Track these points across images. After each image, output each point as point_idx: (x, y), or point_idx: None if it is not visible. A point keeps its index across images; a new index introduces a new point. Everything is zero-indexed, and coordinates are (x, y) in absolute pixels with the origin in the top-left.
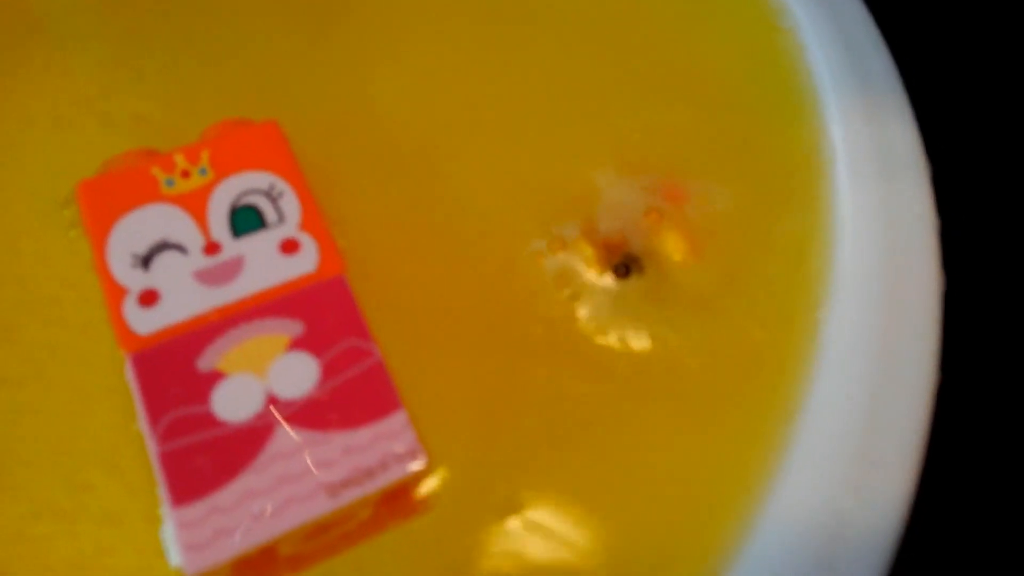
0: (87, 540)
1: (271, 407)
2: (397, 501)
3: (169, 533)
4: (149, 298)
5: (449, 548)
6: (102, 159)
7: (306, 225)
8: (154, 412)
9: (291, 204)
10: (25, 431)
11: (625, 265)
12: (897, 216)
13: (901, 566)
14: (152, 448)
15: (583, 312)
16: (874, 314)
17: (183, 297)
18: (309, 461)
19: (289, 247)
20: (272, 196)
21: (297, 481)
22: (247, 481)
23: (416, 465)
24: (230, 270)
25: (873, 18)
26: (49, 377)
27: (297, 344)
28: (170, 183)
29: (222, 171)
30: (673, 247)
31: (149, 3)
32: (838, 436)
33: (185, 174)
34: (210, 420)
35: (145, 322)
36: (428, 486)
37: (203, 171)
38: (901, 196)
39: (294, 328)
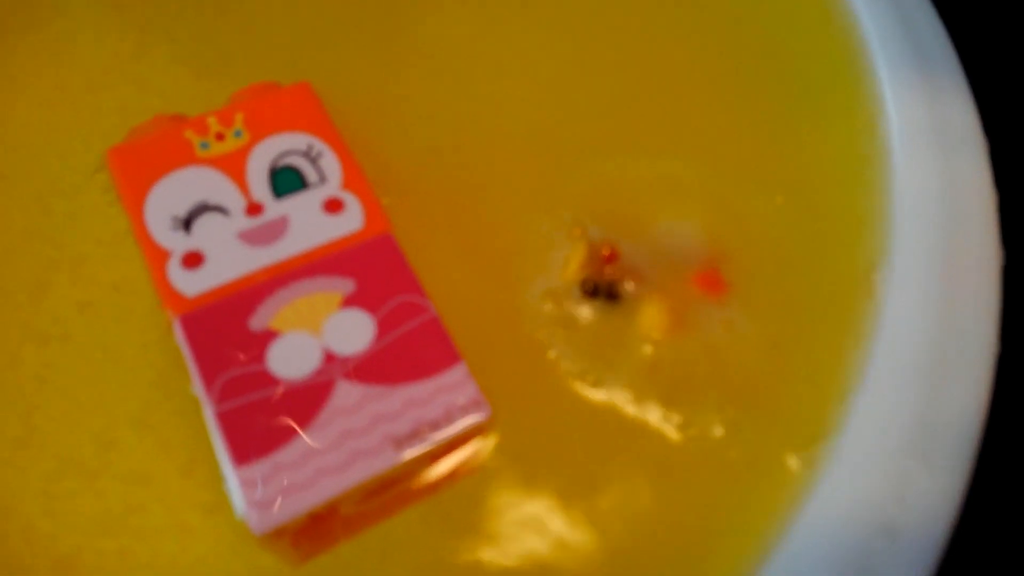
0: (114, 498)
1: (329, 363)
2: (453, 451)
3: (234, 489)
4: (193, 260)
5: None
6: (130, 121)
7: (348, 184)
8: (208, 373)
9: (331, 164)
10: (53, 388)
11: (596, 285)
12: (956, 191)
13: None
14: (208, 409)
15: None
16: (934, 287)
17: (229, 258)
18: (373, 415)
19: (333, 206)
20: (311, 156)
21: (363, 435)
22: (310, 437)
23: (480, 415)
24: (275, 230)
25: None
26: (78, 335)
27: (350, 301)
28: (204, 146)
29: (258, 133)
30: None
31: None
32: (899, 405)
33: (220, 137)
34: (267, 378)
35: (191, 284)
36: (483, 443)
37: (238, 133)
38: (959, 171)
39: (346, 285)
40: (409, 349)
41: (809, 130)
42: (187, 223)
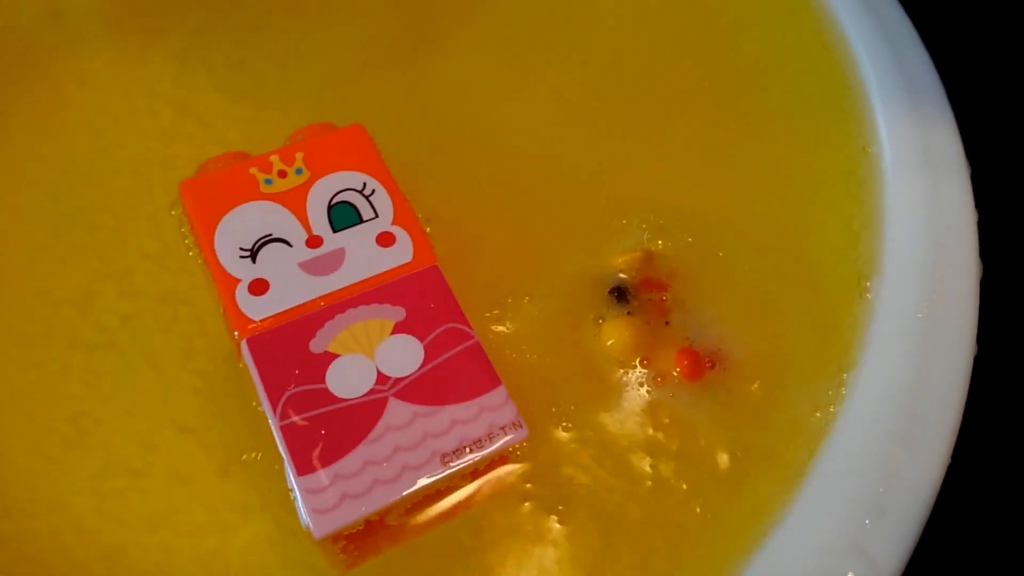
0: (158, 496)
1: (382, 384)
2: (492, 471)
3: (298, 497)
4: (260, 287)
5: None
6: (171, 145)
7: (398, 219)
8: (273, 390)
9: (383, 201)
10: (99, 393)
11: (619, 289)
12: (941, 209)
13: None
14: (273, 423)
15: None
16: (920, 294)
17: (291, 285)
18: (422, 431)
19: (385, 240)
20: (365, 194)
21: (413, 449)
22: (366, 450)
23: (519, 435)
24: (333, 261)
25: (917, 30)
26: (123, 344)
27: (401, 327)
28: (268, 182)
29: (317, 171)
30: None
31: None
32: (889, 397)
33: (282, 174)
34: (327, 396)
35: (257, 309)
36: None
37: (299, 171)
38: (944, 191)
39: (397, 313)
40: (454, 372)
41: (812, 153)
42: (254, 253)
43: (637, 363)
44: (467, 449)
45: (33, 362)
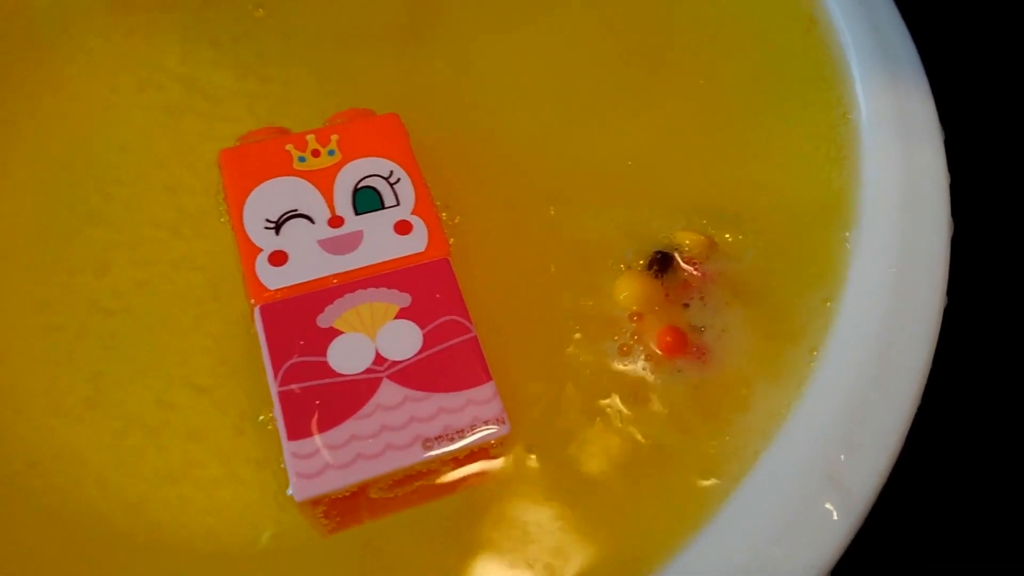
0: (175, 452)
1: (379, 364)
2: (474, 462)
3: (285, 459)
4: (279, 258)
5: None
6: (177, 121)
7: (418, 210)
8: (277, 357)
9: (406, 190)
10: (117, 356)
11: (661, 254)
12: (915, 172)
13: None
14: (273, 388)
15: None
16: (894, 250)
17: (309, 261)
18: (409, 414)
19: (403, 228)
20: (391, 181)
21: (398, 430)
22: (354, 425)
23: (501, 431)
24: (351, 242)
25: (895, 4)
26: (138, 308)
27: (404, 313)
28: (302, 160)
29: (348, 154)
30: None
31: None
32: (864, 343)
33: (316, 153)
34: (326, 369)
35: (274, 279)
36: (501, 457)
37: (331, 152)
38: (919, 156)
39: (403, 299)
40: (448, 363)
41: (794, 120)
42: (278, 226)
43: (628, 319)
44: (449, 437)
45: (53, 326)
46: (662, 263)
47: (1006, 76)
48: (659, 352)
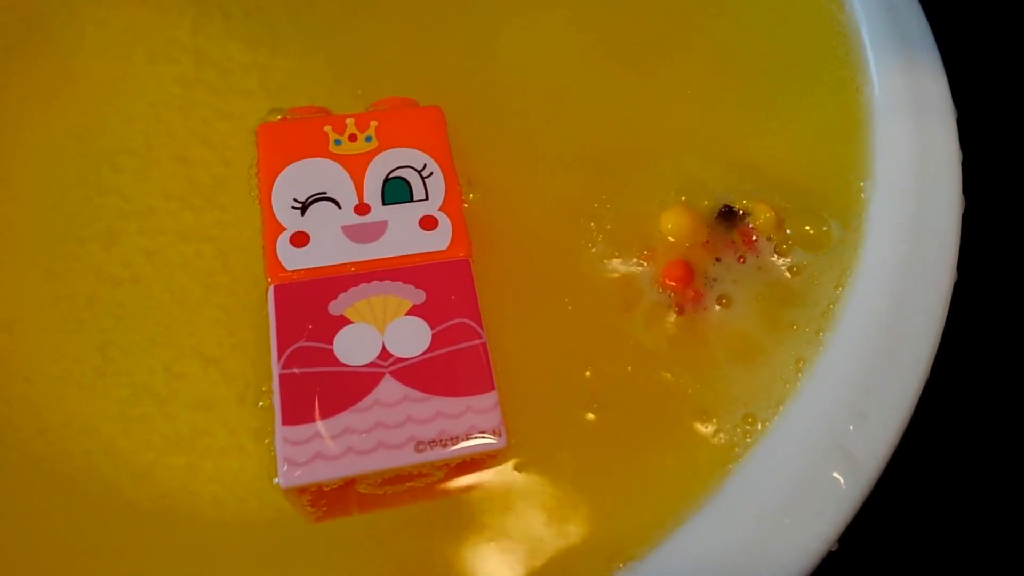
0: (182, 421)
1: (383, 359)
2: (468, 472)
3: (276, 444)
4: (301, 239)
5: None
6: (186, 91)
7: (446, 207)
8: (283, 339)
9: (437, 185)
10: (126, 325)
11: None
12: (928, 149)
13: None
14: (275, 369)
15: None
16: (906, 225)
17: (329, 245)
18: (406, 414)
19: (428, 223)
20: (423, 174)
21: (393, 429)
22: (349, 418)
23: (497, 443)
24: (374, 231)
25: None
26: (147, 278)
27: (416, 310)
28: (338, 143)
29: (385, 143)
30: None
31: None
32: (874, 317)
33: (352, 138)
34: (330, 358)
35: (293, 259)
36: (498, 466)
37: (368, 139)
38: (932, 133)
39: (418, 296)
40: (453, 366)
41: (808, 98)
42: (305, 207)
43: (636, 259)
44: (442, 442)
45: (62, 295)
46: (728, 215)
47: (1019, 55)
48: (662, 277)
